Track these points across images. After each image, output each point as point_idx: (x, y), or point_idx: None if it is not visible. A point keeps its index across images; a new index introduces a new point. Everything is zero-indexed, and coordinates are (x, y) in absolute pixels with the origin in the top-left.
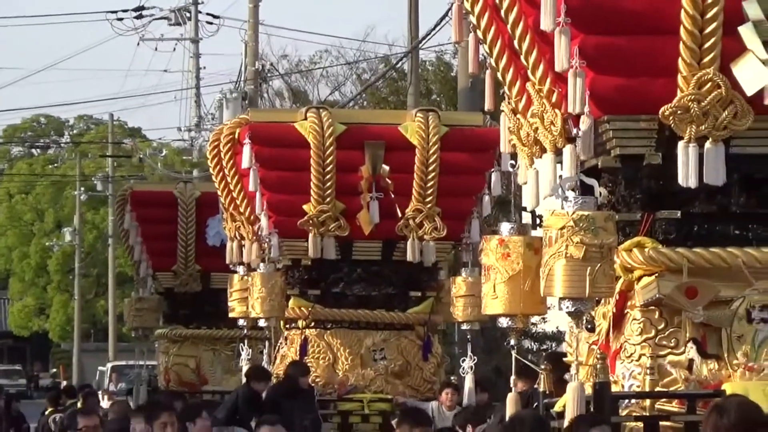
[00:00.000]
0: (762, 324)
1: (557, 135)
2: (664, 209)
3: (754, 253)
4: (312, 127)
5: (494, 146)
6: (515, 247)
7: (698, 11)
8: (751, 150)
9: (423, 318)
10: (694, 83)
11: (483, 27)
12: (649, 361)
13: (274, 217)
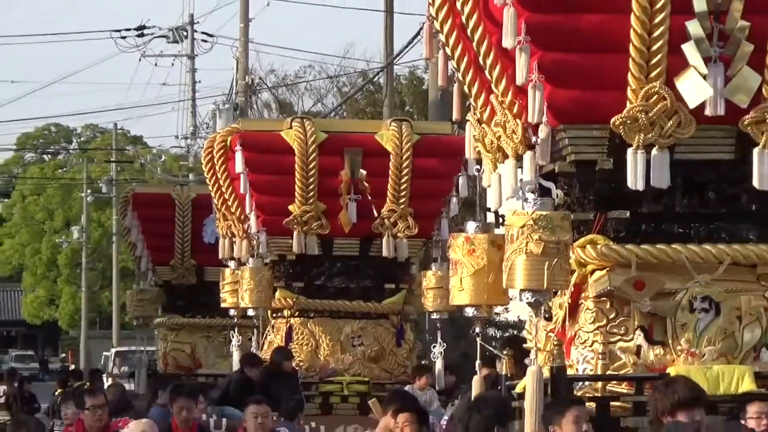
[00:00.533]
0: (703, 313)
1: (518, 142)
2: (614, 210)
3: (695, 250)
4: (297, 135)
5: (461, 153)
6: (480, 244)
7: (646, 31)
8: (693, 156)
9: (397, 308)
10: (642, 96)
11: (451, 44)
12: (601, 347)
13: (262, 216)
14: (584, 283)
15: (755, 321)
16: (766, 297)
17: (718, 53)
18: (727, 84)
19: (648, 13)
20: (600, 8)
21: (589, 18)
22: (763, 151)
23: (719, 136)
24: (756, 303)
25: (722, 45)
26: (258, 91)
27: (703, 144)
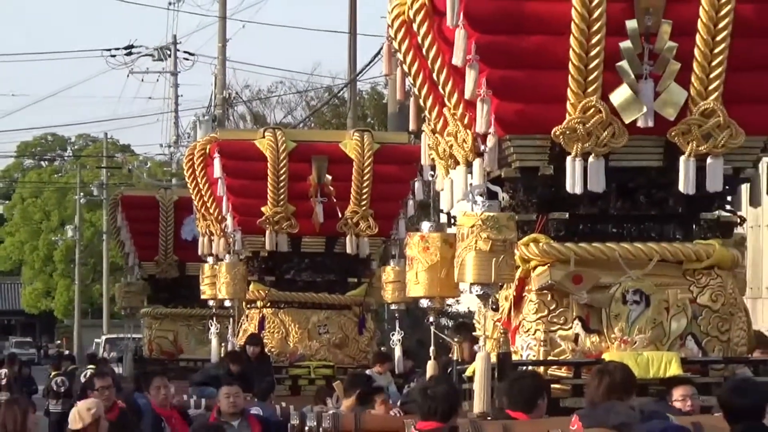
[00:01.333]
0: (634, 305)
1: (468, 151)
2: (555, 211)
3: (628, 247)
4: (269, 144)
5: (417, 159)
6: (434, 242)
7: (583, 50)
8: (625, 163)
9: (359, 300)
10: (580, 109)
11: (408, 62)
12: (543, 335)
13: (238, 217)
14: (528, 278)
15: (681, 312)
16: (691, 290)
17: (648, 71)
18: (656, 99)
19: (585, 35)
20: (542, 30)
21: (533, 39)
22: (688, 159)
23: (649, 145)
24: (682, 296)
25: (652, 64)
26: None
27: (634, 152)
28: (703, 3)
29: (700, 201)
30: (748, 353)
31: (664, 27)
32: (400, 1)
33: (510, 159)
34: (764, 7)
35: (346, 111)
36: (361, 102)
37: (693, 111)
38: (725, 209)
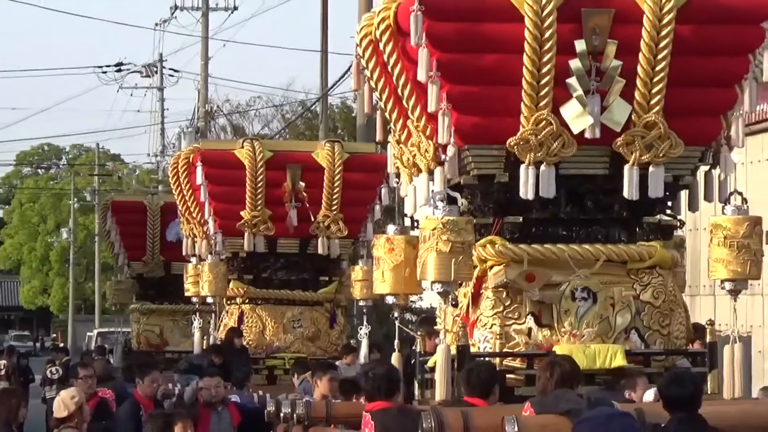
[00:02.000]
0: (583, 301)
1: (430, 160)
2: (509, 215)
3: (576, 249)
4: (247, 153)
5: (383, 168)
6: (398, 244)
7: (536, 68)
8: (574, 171)
9: (330, 296)
10: (533, 121)
11: (375, 78)
12: (499, 329)
13: (219, 220)
14: (484, 276)
15: (625, 308)
16: (634, 288)
17: (595, 87)
18: (602, 112)
19: (537, 54)
20: (498, 49)
21: (489, 57)
22: (632, 168)
23: (596, 154)
24: (626, 293)
25: (599, 80)
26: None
27: (582, 161)
28: (646, 24)
29: (643, 206)
30: (687, 345)
31: (610, 47)
32: (368, 23)
33: (468, 167)
34: (701, 28)
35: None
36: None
37: (636, 123)
38: (666, 214)
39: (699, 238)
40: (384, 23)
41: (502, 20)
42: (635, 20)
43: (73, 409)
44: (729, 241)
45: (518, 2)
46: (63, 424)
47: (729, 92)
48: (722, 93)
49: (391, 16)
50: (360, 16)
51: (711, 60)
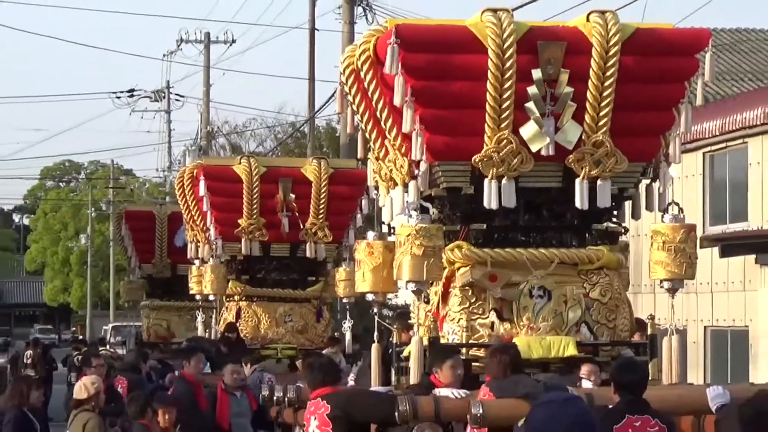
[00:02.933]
0: (539, 299)
1: (405, 174)
2: (475, 223)
3: (533, 252)
4: (244, 168)
5: (364, 181)
6: (377, 248)
7: (498, 93)
8: (532, 184)
9: (317, 294)
10: (495, 140)
11: (356, 102)
12: (465, 323)
13: (219, 227)
14: (453, 276)
15: (576, 304)
16: (584, 287)
17: (550, 110)
18: (557, 132)
19: (499, 81)
20: (464, 77)
21: (457, 84)
22: (582, 181)
23: (551, 169)
24: (577, 291)
25: (553, 104)
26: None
27: (539, 175)
28: (594, 56)
29: (592, 215)
30: (630, 337)
31: (563, 75)
32: (350, 54)
33: (438, 181)
34: (643, 59)
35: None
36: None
37: (586, 142)
38: (612, 221)
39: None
40: (365, 54)
41: (469, 52)
42: (585, 52)
43: (92, 393)
44: (667, 245)
45: (482, 36)
46: (81, 406)
47: (667, 115)
48: (661, 116)
49: (371, 48)
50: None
51: (652, 87)
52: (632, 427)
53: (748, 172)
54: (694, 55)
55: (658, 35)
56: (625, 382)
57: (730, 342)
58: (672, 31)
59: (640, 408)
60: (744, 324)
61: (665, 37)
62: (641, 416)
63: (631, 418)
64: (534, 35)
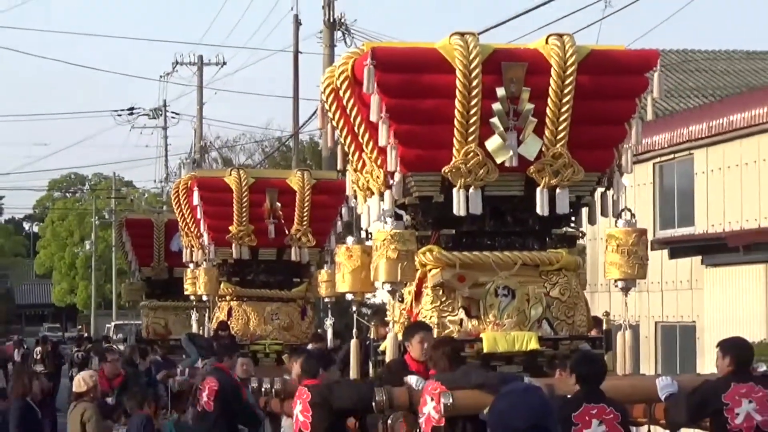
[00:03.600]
0: (504, 297)
1: (381, 184)
2: (445, 228)
3: (498, 255)
4: (234, 180)
5: (344, 191)
6: (356, 252)
7: (465, 110)
8: (497, 193)
9: (301, 294)
10: (463, 153)
11: (336, 119)
12: (436, 320)
13: (212, 234)
14: (425, 277)
15: (538, 302)
16: (545, 286)
17: (513, 125)
18: (519, 145)
19: (466, 98)
20: (435, 95)
21: (428, 102)
22: (543, 190)
23: (514, 179)
24: (538, 290)
25: (516, 120)
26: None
27: (503, 184)
28: (553, 75)
29: (552, 220)
30: (587, 332)
31: (524, 93)
32: (330, 74)
33: (411, 190)
34: (597, 78)
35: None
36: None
37: (546, 154)
38: (570, 226)
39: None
40: (343, 75)
41: (438, 72)
42: (545, 72)
43: (90, 386)
44: (621, 248)
45: (451, 57)
46: (80, 398)
47: (620, 129)
48: (615, 129)
49: (349, 69)
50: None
51: (605, 103)
52: (588, 414)
53: (694, 180)
54: (644, 74)
55: (611, 56)
56: (585, 373)
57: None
58: (623, 53)
59: (597, 397)
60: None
61: (617, 58)
62: (597, 404)
63: (588, 406)
64: (498, 57)
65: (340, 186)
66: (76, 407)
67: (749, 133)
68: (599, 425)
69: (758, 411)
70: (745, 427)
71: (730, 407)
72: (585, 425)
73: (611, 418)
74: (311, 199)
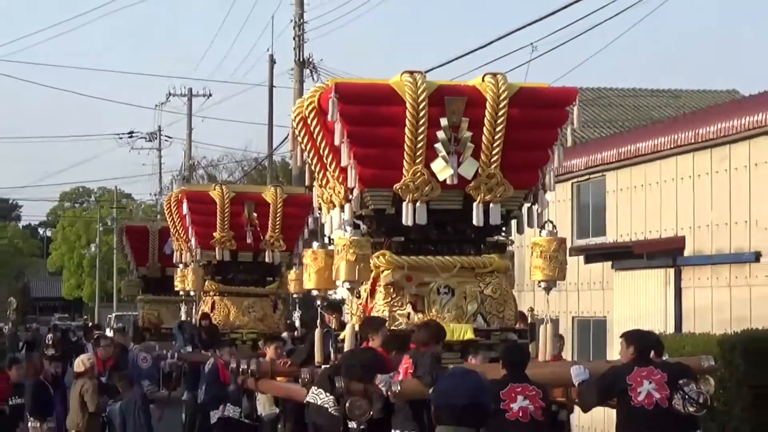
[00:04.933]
0: (444, 295)
1: (342, 198)
2: (395, 236)
3: (441, 259)
4: (218, 193)
5: (310, 204)
6: (320, 255)
7: (414, 137)
8: (439, 206)
9: (274, 291)
10: (411, 173)
11: (305, 142)
12: (388, 314)
13: (198, 239)
14: (378, 278)
15: (474, 299)
16: (480, 286)
17: (454, 150)
18: (459, 166)
19: (415, 127)
20: (389, 124)
21: (383, 129)
22: (478, 205)
23: (454, 195)
24: (474, 289)
25: (456, 145)
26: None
27: (445, 200)
28: (488, 107)
29: (486, 230)
30: (515, 325)
31: (464, 123)
32: (300, 105)
33: (368, 203)
34: (525, 110)
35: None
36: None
37: (481, 174)
38: (501, 236)
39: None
40: (311, 105)
41: (391, 104)
42: (481, 104)
43: (88, 366)
44: (544, 254)
45: (402, 92)
46: (80, 376)
47: (544, 154)
48: (540, 154)
49: (316, 101)
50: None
51: (532, 132)
52: (514, 392)
53: (605, 198)
54: (565, 108)
55: (537, 92)
56: (512, 359)
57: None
58: (547, 89)
59: (521, 378)
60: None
61: (542, 93)
62: (521, 384)
63: (513, 385)
64: (441, 92)
65: (307, 199)
66: (76, 383)
67: (652, 158)
68: (524, 400)
69: (657, 390)
70: (645, 402)
71: (634, 387)
72: (511, 400)
73: (534, 394)
74: (283, 211)
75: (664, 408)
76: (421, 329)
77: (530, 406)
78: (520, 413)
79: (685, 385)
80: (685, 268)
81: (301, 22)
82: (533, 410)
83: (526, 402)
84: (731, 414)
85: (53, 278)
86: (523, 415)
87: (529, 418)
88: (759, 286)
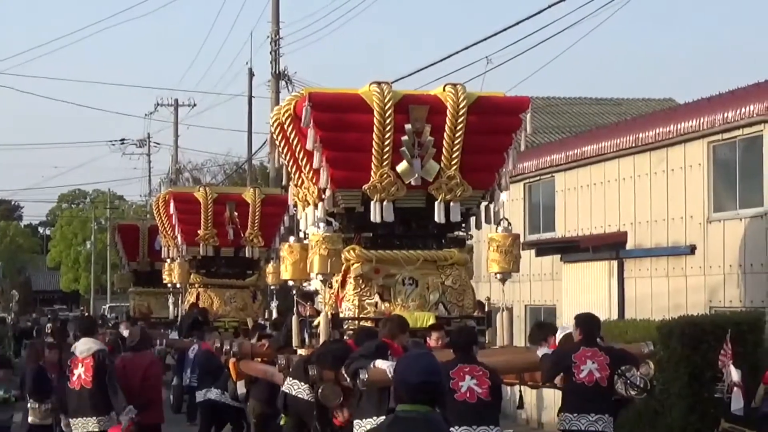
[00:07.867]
0: (409, 286)
1: (315, 197)
2: (364, 232)
3: (405, 253)
4: (202, 195)
5: (286, 202)
6: (296, 249)
7: (381, 141)
8: (404, 205)
9: (253, 283)
10: (378, 175)
11: (282, 146)
12: (357, 303)
13: (184, 236)
14: (348, 270)
15: (436, 290)
16: (441, 277)
17: (417, 153)
18: (422, 168)
19: (381, 132)
20: (358, 130)
21: (352, 135)
22: (440, 203)
23: (418, 195)
24: (436, 281)
25: (420, 149)
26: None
27: (409, 199)
28: (448, 114)
29: (447, 227)
30: (473, 313)
31: (426, 128)
32: (277, 112)
33: (339, 202)
34: (483, 117)
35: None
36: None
37: (442, 176)
38: (461, 231)
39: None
40: (287, 112)
41: (360, 112)
42: (442, 112)
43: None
44: (499, 248)
45: (370, 101)
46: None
47: (500, 157)
48: (496, 157)
49: (292, 108)
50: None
51: (489, 137)
52: (463, 371)
53: (555, 197)
54: (518, 115)
55: (493, 101)
56: (458, 341)
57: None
58: (503, 98)
59: (469, 359)
60: (552, 303)
61: (498, 102)
62: (470, 365)
63: (462, 366)
64: (406, 101)
65: (283, 199)
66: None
67: (597, 161)
68: (471, 379)
69: (598, 369)
70: (586, 380)
71: (577, 365)
72: (460, 379)
73: (481, 374)
74: (261, 210)
75: (603, 386)
76: (387, 324)
77: (477, 387)
78: (467, 393)
79: (627, 371)
80: (627, 261)
81: (277, 38)
82: (480, 391)
83: (473, 382)
84: (669, 392)
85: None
86: (471, 395)
87: (476, 398)
88: (694, 276)
